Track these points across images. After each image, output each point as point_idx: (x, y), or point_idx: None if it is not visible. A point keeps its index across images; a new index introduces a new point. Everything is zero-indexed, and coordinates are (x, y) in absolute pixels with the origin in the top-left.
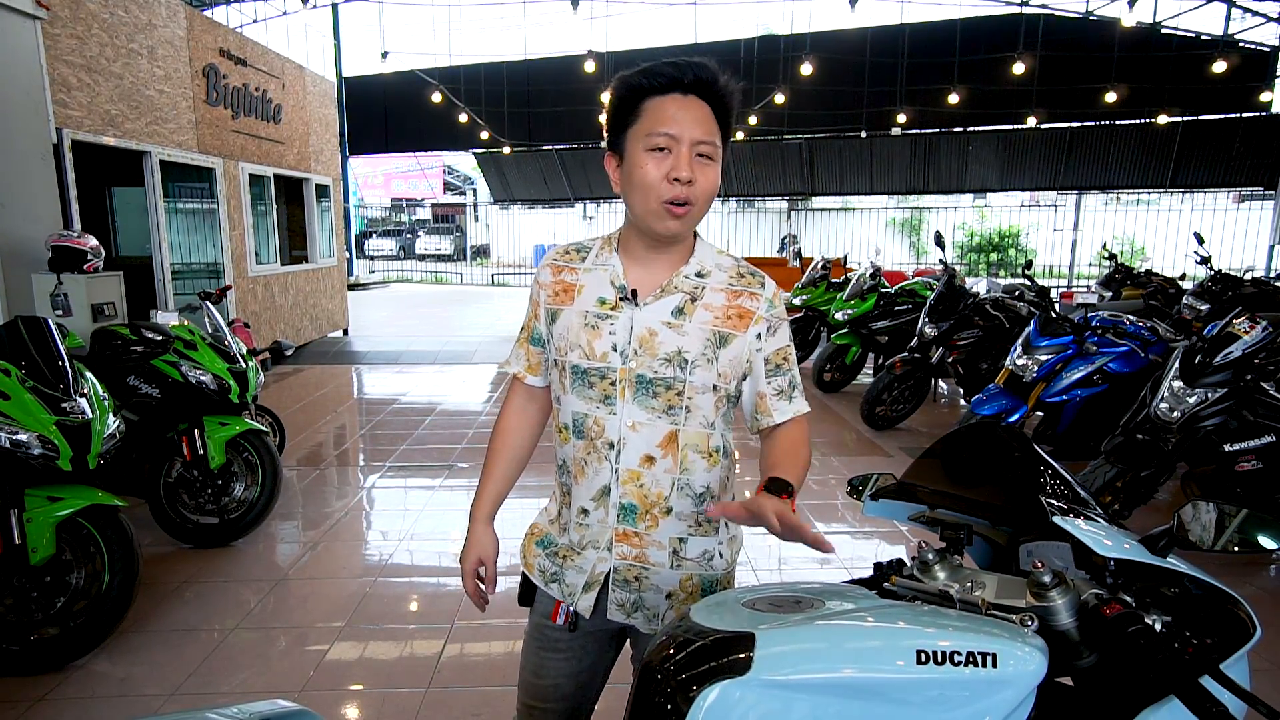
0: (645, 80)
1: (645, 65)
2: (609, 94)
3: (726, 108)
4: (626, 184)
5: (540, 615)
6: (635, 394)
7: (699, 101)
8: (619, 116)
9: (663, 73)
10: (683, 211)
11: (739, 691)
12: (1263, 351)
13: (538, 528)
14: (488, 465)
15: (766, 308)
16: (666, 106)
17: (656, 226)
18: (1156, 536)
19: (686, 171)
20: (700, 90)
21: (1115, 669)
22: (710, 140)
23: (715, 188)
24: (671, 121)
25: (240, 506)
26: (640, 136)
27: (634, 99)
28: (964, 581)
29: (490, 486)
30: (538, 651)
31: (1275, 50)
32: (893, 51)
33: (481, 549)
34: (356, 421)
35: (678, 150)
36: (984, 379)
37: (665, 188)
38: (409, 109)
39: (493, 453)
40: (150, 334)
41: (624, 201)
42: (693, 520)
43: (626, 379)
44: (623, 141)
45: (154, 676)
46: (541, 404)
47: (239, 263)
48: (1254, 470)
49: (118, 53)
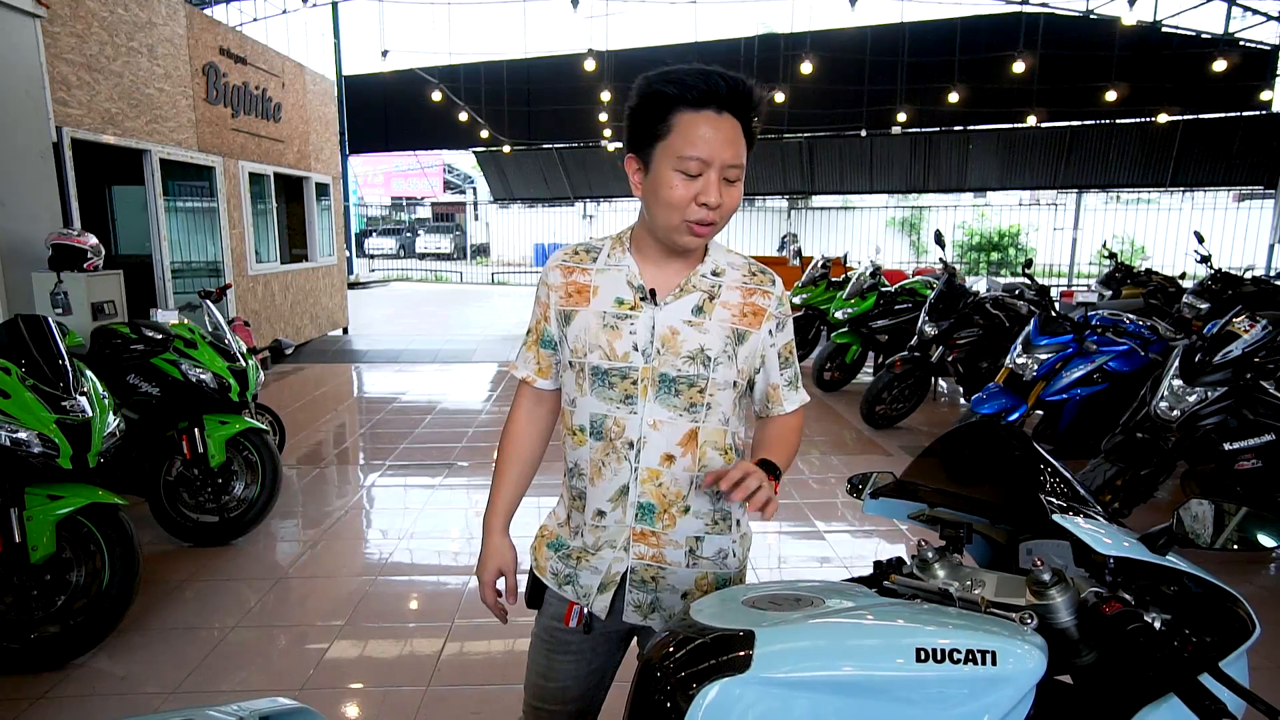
0: (677, 90)
1: (673, 71)
2: (633, 96)
3: (752, 119)
4: (650, 196)
5: (550, 618)
6: (658, 392)
7: (732, 121)
8: (645, 123)
9: (696, 86)
10: (706, 231)
11: (739, 689)
12: (1262, 350)
13: (548, 530)
14: (500, 472)
15: (776, 305)
16: (700, 127)
17: (679, 241)
18: (1156, 535)
19: (716, 197)
20: (734, 106)
21: (1115, 667)
22: (739, 163)
23: (738, 205)
24: (705, 145)
25: (240, 505)
26: (671, 155)
27: (663, 109)
28: (963, 580)
29: (504, 494)
30: (547, 654)
31: (1276, 49)
32: (893, 50)
33: (501, 559)
34: (356, 420)
35: (708, 175)
36: (984, 378)
37: (692, 210)
38: (409, 107)
39: (504, 460)
40: (150, 332)
41: (644, 207)
42: (709, 519)
43: (649, 378)
44: (650, 153)
45: (154, 675)
46: (551, 408)
47: (239, 261)
48: (1254, 469)
49: (117, 51)
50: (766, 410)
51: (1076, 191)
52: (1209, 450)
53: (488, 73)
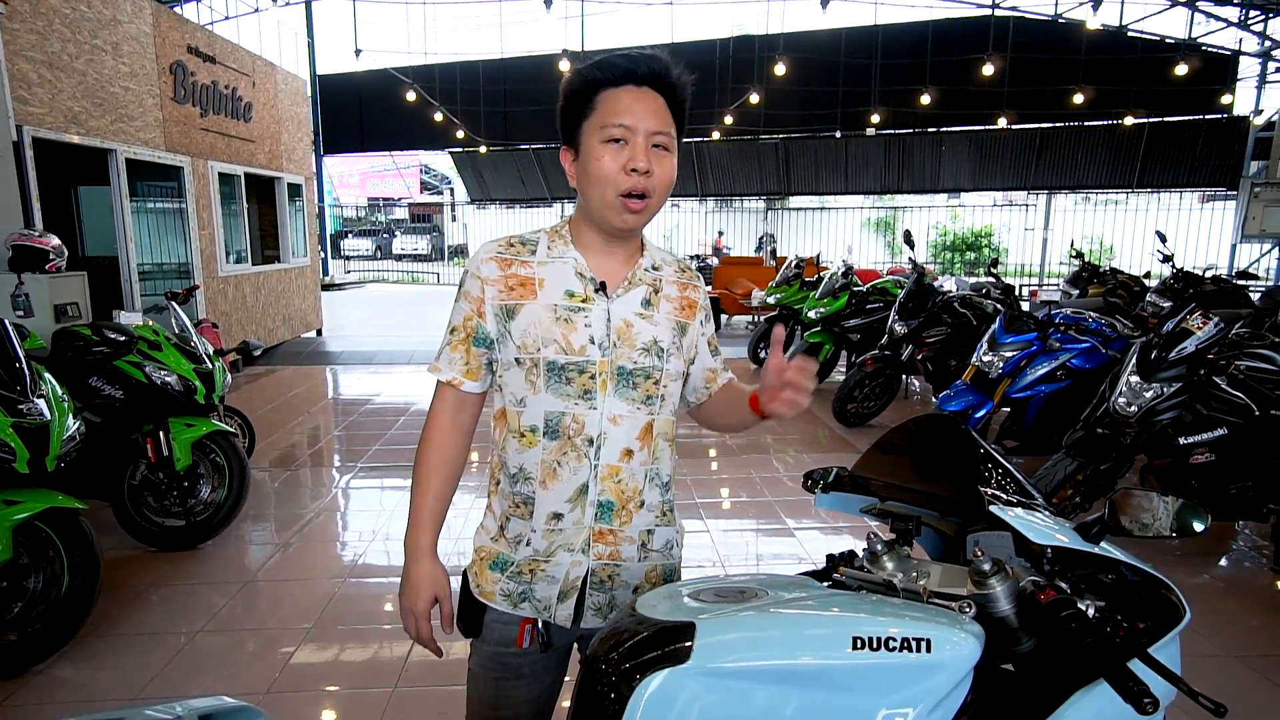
0: (599, 73)
1: (598, 58)
2: (560, 95)
3: (680, 99)
4: (583, 177)
5: (496, 644)
6: (617, 386)
7: (653, 93)
8: (573, 110)
9: (616, 65)
10: (640, 206)
11: (679, 680)
12: (1215, 347)
13: (485, 550)
14: (423, 486)
15: (703, 297)
16: (621, 98)
17: (615, 221)
18: (1090, 524)
19: (644, 161)
20: (654, 82)
21: (1051, 653)
22: (666, 131)
23: (672, 179)
24: (627, 112)
25: (207, 509)
26: (595, 129)
27: (588, 92)
28: (909, 571)
29: (428, 510)
30: (495, 683)
31: (1236, 54)
32: (866, 52)
33: (436, 585)
34: (329, 422)
35: (634, 141)
36: (953, 375)
37: (622, 179)
38: (384, 108)
39: (427, 471)
40: (113, 334)
41: (580, 195)
42: (659, 511)
43: (607, 371)
44: (578, 135)
45: (116, 681)
46: (474, 413)
47: (209, 263)
48: (1207, 462)
49: (80, 49)
50: (708, 391)
51: (1047, 192)
52: (1165, 444)
53: (464, 73)
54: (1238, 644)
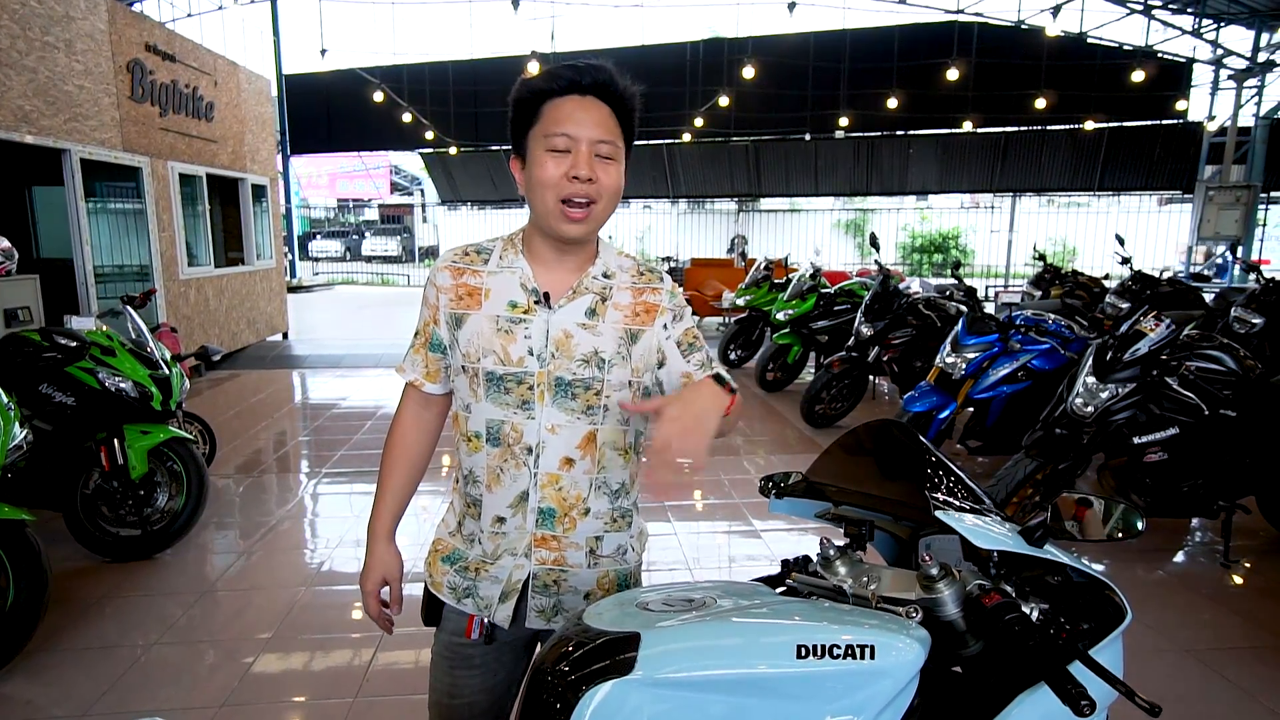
0: (544, 83)
1: (546, 69)
2: (510, 98)
3: (627, 109)
4: (529, 185)
5: (450, 633)
6: (555, 396)
7: (598, 102)
8: (521, 119)
9: (561, 75)
10: (582, 215)
11: (625, 691)
12: (1167, 348)
13: (442, 544)
14: (385, 478)
15: (669, 299)
16: (564, 107)
17: (558, 228)
18: (1033, 528)
19: (585, 169)
20: (599, 92)
21: (997, 656)
22: (610, 140)
23: (618, 187)
24: (570, 121)
25: (164, 517)
26: (540, 137)
27: (535, 102)
28: (859, 576)
29: (388, 501)
30: (450, 671)
31: (1190, 61)
32: (835, 56)
33: (386, 569)
34: (295, 427)
35: (577, 149)
36: (918, 376)
37: (564, 185)
38: (351, 108)
39: (390, 464)
40: (63, 340)
41: (528, 203)
42: (608, 518)
43: (545, 382)
44: (525, 144)
45: (64, 697)
46: (439, 411)
47: (169, 265)
48: (1161, 461)
49: (31, 45)
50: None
51: (1011, 195)
52: (1121, 444)
53: (433, 73)
54: (1190, 639)
